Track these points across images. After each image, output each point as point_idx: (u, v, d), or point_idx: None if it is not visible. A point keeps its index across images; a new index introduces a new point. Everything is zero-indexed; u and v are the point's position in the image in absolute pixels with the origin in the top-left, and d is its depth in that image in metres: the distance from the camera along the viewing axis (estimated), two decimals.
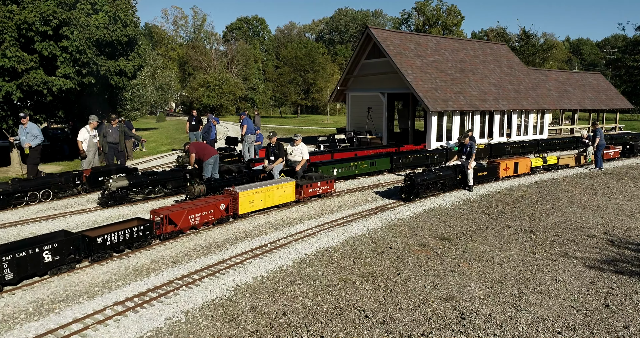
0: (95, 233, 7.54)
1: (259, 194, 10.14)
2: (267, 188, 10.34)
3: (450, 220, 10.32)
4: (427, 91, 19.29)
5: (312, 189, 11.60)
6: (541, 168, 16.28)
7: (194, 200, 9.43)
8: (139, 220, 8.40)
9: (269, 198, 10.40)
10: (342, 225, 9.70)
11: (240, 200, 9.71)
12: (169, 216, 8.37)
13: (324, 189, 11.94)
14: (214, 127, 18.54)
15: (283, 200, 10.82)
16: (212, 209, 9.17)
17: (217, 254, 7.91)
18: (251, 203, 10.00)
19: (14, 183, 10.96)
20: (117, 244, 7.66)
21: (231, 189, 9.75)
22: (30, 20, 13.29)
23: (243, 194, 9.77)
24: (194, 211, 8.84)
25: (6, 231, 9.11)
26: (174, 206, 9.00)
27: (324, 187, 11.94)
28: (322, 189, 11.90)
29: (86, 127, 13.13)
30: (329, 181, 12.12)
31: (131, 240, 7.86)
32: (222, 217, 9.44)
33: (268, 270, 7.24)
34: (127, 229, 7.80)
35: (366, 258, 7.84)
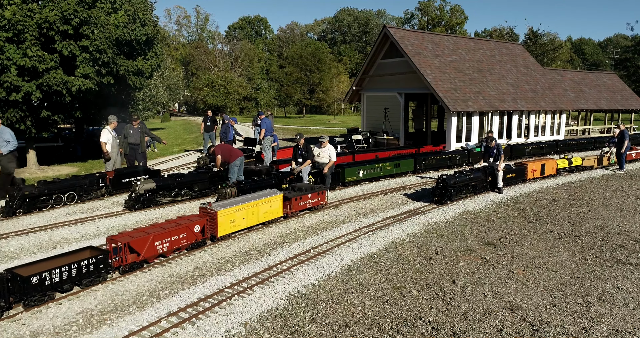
0: (29, 271, 5.98)
1: (241, 212, 8.72)
2: (250, 204, 8.91)
3: (488, 224, 10.07)
4: (446, 91, 19.04)
5: (302, 202, 10.28)
6: (566, 169, 16.03)
7: (163, 223, 7.93)
8: (92, 250, 6.80)
9: (252, 215, 9.00)
10: (381, 229, 9.44)
11: (219, 220, 8.28)
12: (130, 243, 6.94)
13: (315, 202, 10.62)
14: (231, 127, 18.28)
15: (269, 217, 9.44)
16: (184, 233, 7.73)
17: (261, 260, 7.65)
18: (232, 223, 8.54)
19: (40, 185, 10.69)
20: (60, 283, 6.11)
21: (208, 207, 8.38)
22: (51, 19, 13.01)
23: (222, 213, 8.33)
24: (161, 236, 7.39)
25: (37, 236, 8.84)
26: (137, 230, 7.52)
27: (314, 199, 10.61)
28: (313, 201, 10.58)
29: (107, 128, 12.87)
30: (320, 192, 10.77)
31: (80, 276, 6.33)
32: (196, 241, 7.99)
33: (317, 277, 6.98)
34: (74, 263, 6.28)
35: (415, 265, 7.58)
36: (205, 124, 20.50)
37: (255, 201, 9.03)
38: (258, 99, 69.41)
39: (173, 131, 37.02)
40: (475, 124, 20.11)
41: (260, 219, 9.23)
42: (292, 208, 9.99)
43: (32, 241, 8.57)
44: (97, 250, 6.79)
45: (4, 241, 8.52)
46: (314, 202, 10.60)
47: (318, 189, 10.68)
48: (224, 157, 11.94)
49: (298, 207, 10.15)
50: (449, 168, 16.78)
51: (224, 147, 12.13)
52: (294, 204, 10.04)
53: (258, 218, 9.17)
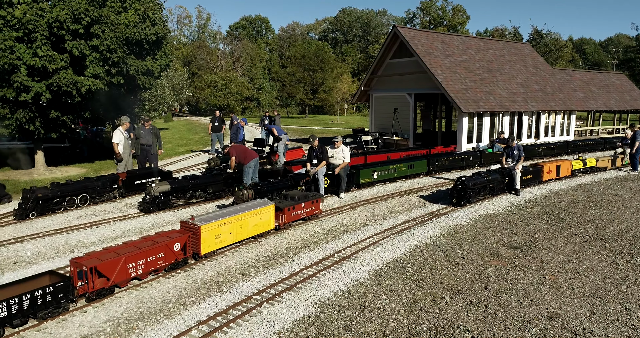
0: None
1: (227, 226, 7.84)
2: (238, 217, 8.04)
3: (510, 227, 9.88)
4: (457, 91, 18.86)
5: (296, 213, 9.39)
6: (580, 170, 15.85)
7: (138, 241, 7.05)
8: (53, 276, 5.91)
9: (241, 229, 8.13)
10: (403, 233, 9.25)
11: (203, 236, 7.42)
12: (97, 267, 6.05)
13: (309, 212, 9.75)
14: (242, 128, 18.09)
15: (259, 230, 8.57)
16: (161, 252, 6.85)
17: (285, 265, 7.46)
18: (217, 238, 7.67)
19: (53, 187, 10.51)
20: (9, 318, 5.22)
21: (190, 221, 7.52)
22: (62, 18, 12.82)
23: (206, 228, 7.46)
24: (135, 257, 6.51)
25: (53, 240, 8.65)
26: (106, 250, 6.61)
27: (309, 208, 9.72)
28: (307, 211, 9.70)
29: (119, 128, 12.67)
30: (315, 201, 9.86)
31: (34, 308, 5.42)
32: (176, 261, 7.11)
33: (346, 283, 6.79)
34: (27, 293, 5.34)
35: (443, 270, 7.40)
36: (213, 124, 20.32)
37: (243, 214, 8.15)
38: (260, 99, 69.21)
39: (177, 131, 36.81)
40: (486, 124, 19.93)
41: (249, 233, 8.33)
42: (285, 219, 9.09)
43: (48, 246, 8.39)
44: (58, 275, 5.90)
45: (20, 246, 8.34)
46: (308, 212, 9.73)
47: (312, 198, 9.80)
48: (238, 158, 11.74)
49: (291, 218, 9.27)
50: (461, 169, 16.62)
51: (238, 148, 11.94)
52: (287, 215, 9.13)
53: (247, 231, 8.28)
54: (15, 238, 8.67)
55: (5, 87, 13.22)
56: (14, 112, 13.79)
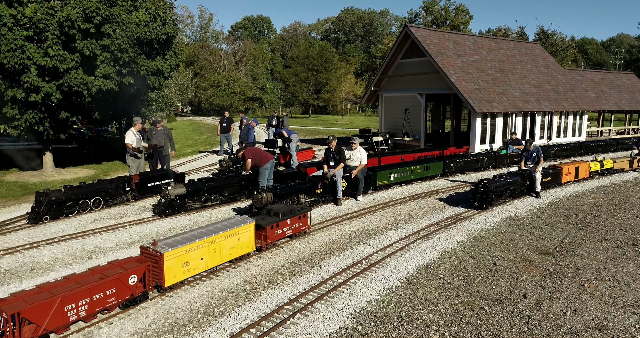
0: None
1: (198, 251, 6.69)
2: (211, 240, 6.90)
3: (537, 231, 9.62)
4: (471, 91, 18.59)
5: (280, 230, 8.31)
6: (598, 172, 15.59)
7: (83, 274, 5.80)
8: None
9: (214, 253, 6.99)
10: (428, 238, 8.99)
11: (167, 265, 6.23)
12: (22, 313, 4.90)
13: (295, 228, 8.69)
14: (252, 129, 17.83)
15: (237, 253, 7.44)
16: (112, 287, 5.67)
17: (312, 272, 7.20)
18: (185, 266, 6.53)
19: (67, 190, 10.24)
20: None
21: (151, 247, 6.31)
22: (73, 16, 12.55)
23: (171, 255, 6.29)
24: (75, 297, 5.31)
25: (69, 245, 8.39)
26: (40, 288, 5.40)
27: (295, 224, 8.67)
28: (294, 227, 8.64)
29: (131, 129, 12.42)
30: (302, 215, 8.81)
31: None
32: (132, 296, 5.92)
33: (378, 291, 6.53)
34: None
35: (476, 278, 7.13)
36: (221, 125, 20.06)
37: (217, 235, 7.00)
38: (263, 99, 68.91)
39: (182, 132, 36.55)
40: (499, 125, 19.67)
41: (224, 257, 7.23)
42: (268, 239, 8.03)
43: (65, 251, 8.13)
44: None
45: (36, 251, 8.08)
46: (294, 229, 8.67)
47: (299, 213, 8.73)
48: (254, 160, 11.48)
49: (275, 237, 8.22)
50: (476, 171, 16.35)
51: (254, 150, 11.67)
52: (270, 234, 8.07)
53: (222, 256, 7.16)
54: (31, 243, 8.41)
55: (15, 88, 12.96)
56: (23, 113, 13.53)
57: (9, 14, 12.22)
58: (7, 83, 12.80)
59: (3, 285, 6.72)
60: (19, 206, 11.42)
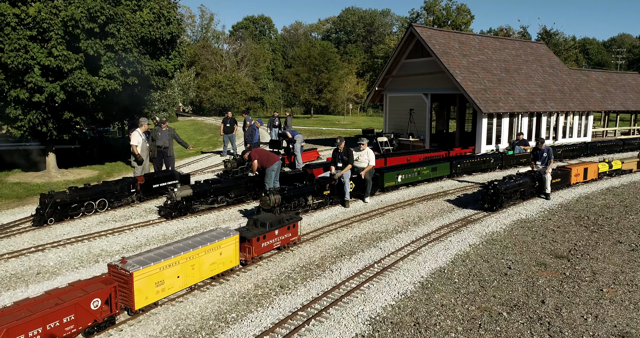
0: None
1: (173, 269, 6.03)
2: (189, 255, 6.24)
3: (549, 234, 9.47)
4: (477, 91, 18.44)
5: (267, 242, 7.65)
6: (607, 173, 15.44)
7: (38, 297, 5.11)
8: None
9: (193, 270, 6.33)
10: (439, 240, 8.84)
11: (137, 285, 5.59)
12: None
13: (284, 240, 8.03)
14: (257, 130, 17.68)
15: (219, 269, 6.77)
16: (71, 314, 5.00)
17: (324, 277, 7.05)
18: (159, 286, 5.87)
19: (72, 192, 10.10)
20: None
21: (119, 265, 5.64)
22: (78, 16, 12.40)
23: (142, 274, 5.64)
24: (24, 327, 4.62)
25: (75, 248, 8.25)
26: None
27: (284, 235, 8.01)
28: (282, 239, 7.98)
29: (137, 130, 12.27)
30: (292, 225, 8.14)
31: None
32: (95, 322, 5.26)
33: (393, 297, 6.38)
34: None
35: (492, 282, 6.98)
36: (224, 125, 19.93)
37: (196, 250, 6.34)
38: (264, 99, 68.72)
39: (184, 132, 36.38)
40: (505, 126, 19.51)
41: (204, 274, 6.54)
42: (253, 252, 7.35)
43: (71, 254, 7.99)
44: None
45: (42, 254, 7.93)
46: (283, 240, 8.01)
47: (288, 222, 8.05)
48: (261, 162, 11.33)
49: (261, 250, 7.55)
50: (483, 172, 16.21)
51: (261, 151, 11.52)
52: (255, 247, 7.38)
53: (201, 272, 6.48)
54: (36, 246, 8.27)
55: (18, 88, 12.81)
56: (26, 114, 13.38)
57: (12, 14, 12.08)
58: (10, 83, 12.66)
59: (9, 290, 6.58)
60: (22, 208, 11.28)
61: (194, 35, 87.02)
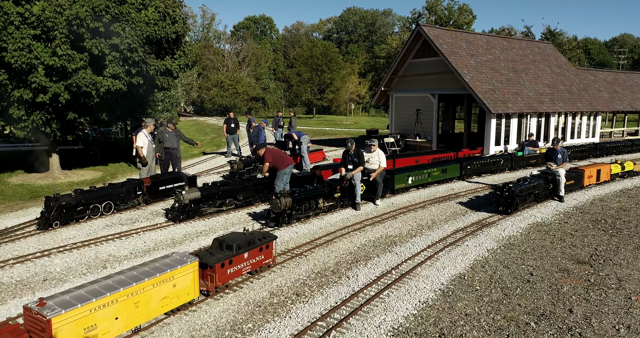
0: None
1: (110, 309, 4.92)
2: (131, 291, 5.13)
3: (568, 238, 9.22)
4: (485, 92, 18.19)
5: (234, 268, 6.50)
6: (619, 174, 15.19)
7: None
8: None
9: (137, 308, 5.21)
10: (456, 245, 8.60)
11: (57, 334, 4.45)
12: None
13: (255, 263, 6.91)
14: (263, 130, 17.45)
15: (172, 304, 5.66)
16: None
17: (340, 284, 6.80)
18: (90, 331, 4.73)
19: (77, 194, 9.86)
20: None
21: (34, 309, 4.47)
22: (82, 15, 12.16)
23: (64, 320, 4.49)
24: None
25: (82, 253, 8.01)
26: None
27: (255, 258, 6.87)
28: (253, 262, 6.86)
29: (143, 131, 12.04)
30: (265, 246, 7.02)
31: None
32: None
33: (414, 305, 6.14)
34: None
35: (515, 290, 6.73)
36: (228, 126, 19.68)
37: (141, 284, 5.22)
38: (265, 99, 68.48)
39: (186, 132, 35.96)
40: (513, 126, 19.26)
41: (153, 312, 5.42)
42: (217, 280, 6.21)
43: (77, 260, 7.75)
44: None
45: (48, 260, 7.69)
46: (254, 264, 6.87)
47: (260, 243, 6.94)
48: (274, 163, 11.04)
49: (227, 277, 6.40)
50: (492, 173, 15.96)
51: (275, 152, 11.20)
52: (220, 274, 6.23)
53: (149, 310, 5.36)
54: (42, 251, 8.03)
55: (22, 88, 12.57)
56: (30, 114, 13.13)
57: (16, 12, 11.83)
58: (14, 83, 12.41)
59: (15, 298, 6.34)
60: (26, 211, 11.05)
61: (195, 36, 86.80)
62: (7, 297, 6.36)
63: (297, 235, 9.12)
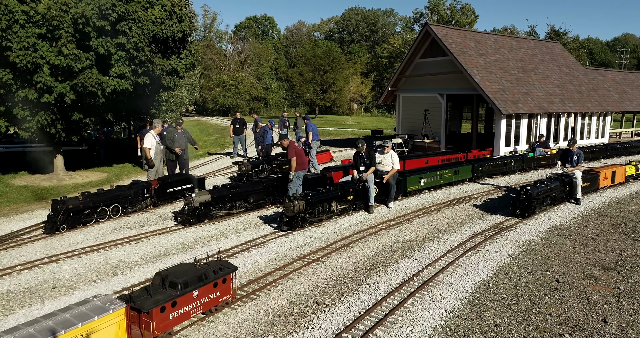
0: None
1: None
2: None
3: (589, 243, 8.95)
4: (495, 92, 17.93)
5: (180, 311, 5.27)
6: (633, 176, 14.92)
7: None
8: None
9: None
10: (476, 250, 8.33)
11: None
12: None
13: (208, 302, 5.64)
14: (269, 131, 17.19)
15: None
16: None
17: (361, 291, 6.55)
18: None
19: (85, 197, 9.60)
20: None
21: None
22: (88, 13, 11.91)
23: None
24: None
25: (91, 259, 7.75)
26: None
27: (208, 296, 5.62)
28: (206, 301, 5.60)
29: (151, 132, 11.77)
30: (222, 279, 5.77)
31: None
32: None
33: (441, 315, 5.88)
34: None
35: (543, 298, 6.47)
36: (234, 126, 19.42)
37: None
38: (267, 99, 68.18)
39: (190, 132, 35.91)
40: (523, 127, 19.00)
41: None
42: (155, 329, 4.97)
43: (87, 266, 7.49)
44: None
45: (56, 266, 7.44)
46: (206, 303, 5.60)
47: (215, 277, 5.68)
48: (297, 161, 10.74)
49: (170, 323, 5.16)
50: (504, 175, 15.70)
51: (299, 151, 10.88)
52: (159, 321, 5.01)
53: None
54: (49, 257, 7.78)
55: (27, 88, 12.31)
56: (34, 115, 12.87)
57: (21, 11, 11.58)
58: (18, 83, 12.15)
59: (24, 307, 6.08)
60: (32, 213, 10.80)
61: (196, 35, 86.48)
62: (15, 306, 6.10)
63: (312, 239, 8.87)
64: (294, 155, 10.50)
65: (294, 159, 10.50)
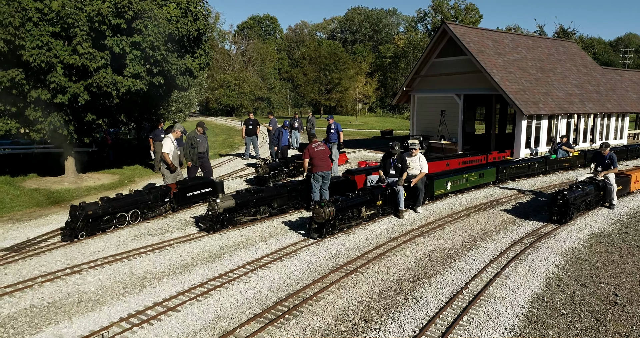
0: None
1: None
2: None
3: (636, 251, 8.51)
4: (516, 92, 17.49)
5: None
6: None
7: None
8: None
9: None
10: (519, 260, 7.88)
11: None
12: None
13: None
14: (285, 131, 16.76)
15: None
16: None
17: (408, 307, 6.11)
18: None
19: (104, 202, 9.17)
20: None
21: None
22: (104, 11, 11.48)
23: None
24: None
25: (116, 270, 7.32)
26: None
27: None
28: None
29: (169, 136, 11.31)
30: None
31: None
32: None
33: (501, 334, 5.45)
34: None
35: (605, 314, 6.03)
36: (247, 127, 18.97)
37: None
38: (271, 99, 67.74)
39: None
40: (544, 128, 18.56)
41: None
42: None
43: (112, 277, 7.06)
44: None
45: (79, 277, 7.01)
46: None
47: None
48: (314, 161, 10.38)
49: None
50: (527, 177, 15.24)
51: (316, 152, 10.47)
52: None
53: None
54: (71, 267, 7.35)
55: (40, 88, 11.88)
56: (47, 116, 12.45)
57: (34, 8, 11.15)
58: (31, 83, 11.73)
59: (50, 325, 5.65)
60: (46, 219, 10.38)
61: None
62: (41, 324, 5.67)
63: (345, 247, 8.43)
64: (307, 157, 10.27)
65: (306, 161, 10.29)
